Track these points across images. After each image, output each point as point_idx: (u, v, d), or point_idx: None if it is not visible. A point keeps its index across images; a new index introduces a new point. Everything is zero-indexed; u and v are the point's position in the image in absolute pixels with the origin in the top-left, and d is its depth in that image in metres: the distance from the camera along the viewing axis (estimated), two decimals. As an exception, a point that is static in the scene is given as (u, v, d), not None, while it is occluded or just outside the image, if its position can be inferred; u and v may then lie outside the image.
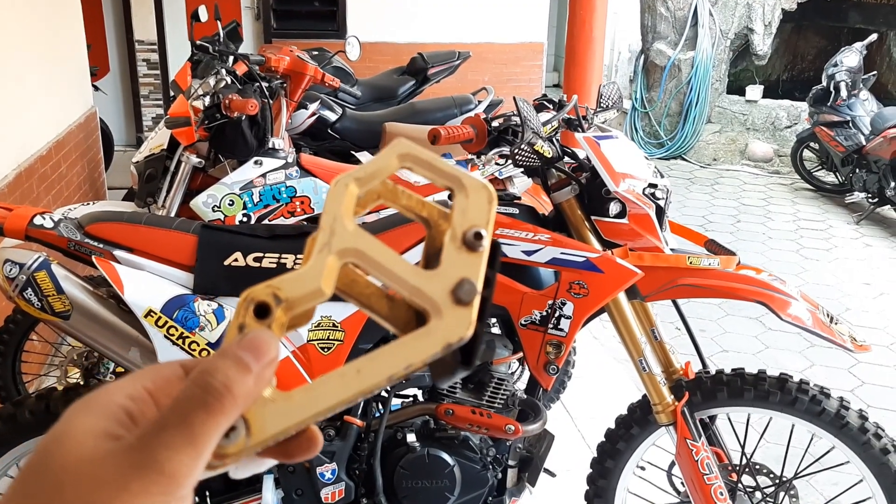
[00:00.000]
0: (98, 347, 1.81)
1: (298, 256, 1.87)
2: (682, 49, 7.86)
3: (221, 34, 3.45)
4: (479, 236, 0.40)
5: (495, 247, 0.42)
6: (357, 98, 4.19)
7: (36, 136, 3.48)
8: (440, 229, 0.43)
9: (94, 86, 4.62)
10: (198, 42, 3.33)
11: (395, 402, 2.03)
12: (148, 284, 1.78)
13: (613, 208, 1.87)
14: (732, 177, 7.44)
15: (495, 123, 1.93)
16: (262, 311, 0.39)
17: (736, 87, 8.32)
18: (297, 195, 2.71)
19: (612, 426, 2.15)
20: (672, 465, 2.19)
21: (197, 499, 1.95)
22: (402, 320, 0.43)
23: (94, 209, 1.99)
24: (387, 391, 1.96)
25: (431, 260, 0.42)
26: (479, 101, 4.16)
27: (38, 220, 1.82)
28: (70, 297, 1.76)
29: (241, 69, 2.99)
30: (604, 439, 2.15)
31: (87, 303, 1.77)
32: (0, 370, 2.80)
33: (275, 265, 1.85)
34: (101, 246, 1.81)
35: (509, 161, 1.90)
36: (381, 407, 1.97)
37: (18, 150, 3.23)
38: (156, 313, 1.75)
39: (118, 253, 1.81)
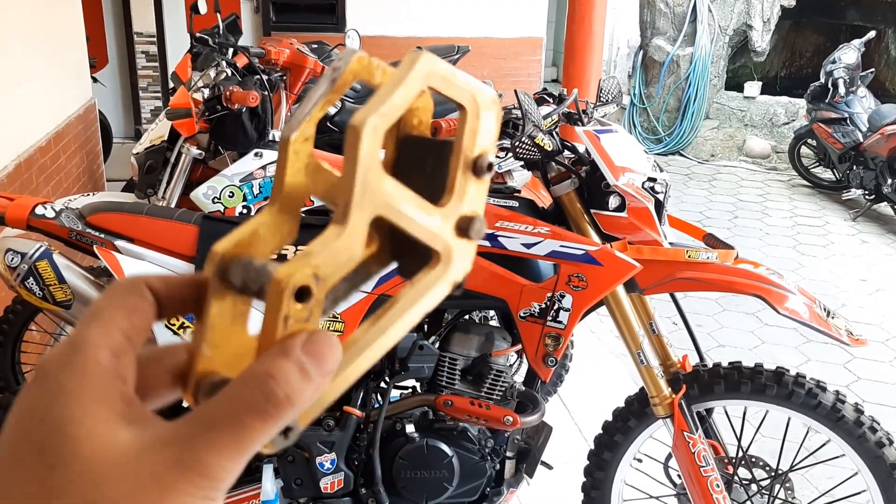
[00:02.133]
0: (99, 337, 1.81)
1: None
2: (680, 45, 7.87)
3: (221, 26, 3.45)
4: (490, 167, 0.37)
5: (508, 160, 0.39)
6: (356, 91, 4.19)
7: (35, 128, 3.48)
8: (409, 123, 0.40)
9: (92, 77, 4.61)
10: (197, 34, 3.33)
11: (394, 393, 2.04)
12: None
13: (613, 202, 1.88)
14: (730, 173, 7.46)
15: (496, 116, 1.94)
16: (302, 295, 0.34)
17: (734, 83, 8.34)
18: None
19: (610, 419, 2.16)
20: (669, 457, 2.21)
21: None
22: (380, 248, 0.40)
23: (95, 200, 1.99)
24: (385, 382, 1.97)
25: (401, 158, 0.39)
26: (479, 96, 4.16)
27: (39, 210, 1.82)
28: (71, 286, 1.76)
29: (241, 61, 2.99)
30: (601, 432, 2.16)
31: (89, 292, 1.78)
32: (0, 360, 2.81)
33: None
34: (102, 236, 1.82)
35: (509, 154, 1.91)
36: (380, 398, 1.98)
37: (18, 140, 3.24)
38: (157, 303, 1.75)
39: (119, 243, 1.82)
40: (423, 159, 0.41)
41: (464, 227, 0.37)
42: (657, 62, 8.00)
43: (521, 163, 2.61)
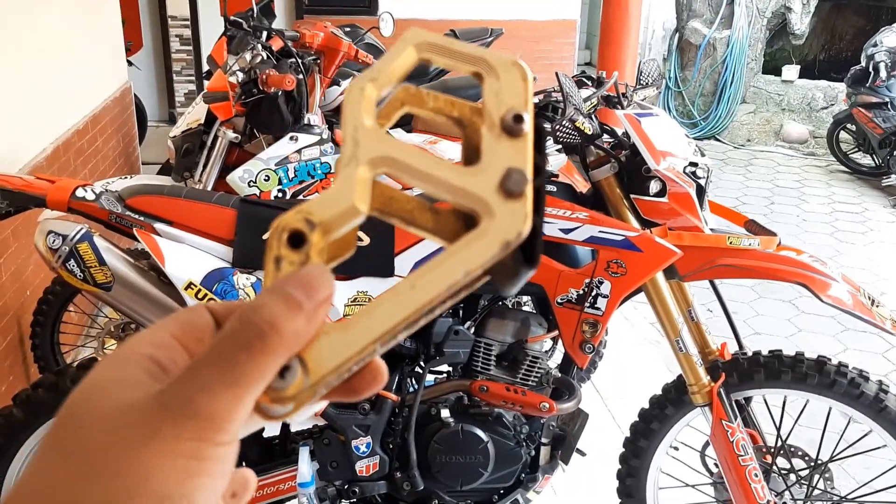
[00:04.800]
0: (138, 318, 1.83)
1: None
2: (717, 27, 7.74)
3: (255, 10, 3.45)
4: (519, 119, 0.36)
5: (539, 129, 0.37)
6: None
7: (73, 111, 3.52)
8: (475, 127, 0.38)
9: (128, 61, 4.65)
10: (231, 17, 3.33)
11: (429, 378, 2.04)
12: (188, 257, 1.79)
13: (653, 187, 1.86)
14: (767, 158, 7.33)
15: (535, 100, 1.91)
16: (297, 241, 0.35)
17: (772, 66, 8.18)
18: (332, 171, 2.71)
19: (646, 406, 2.14)
20: (706, 445, 2.19)
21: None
22: (452, 231, 0.38)
23: (133, 182, 2.01)
24: (421, 367, 1.97)
25: (471, 160, 0.37)
26: (513, 79, 4.12)
27: (80, 193, 1.84)
28: (112, 268, 1.78)
29: (276, 45, 2.99)
30: (637, 419, 2.15)
31: (129, 274, 1.79)
32: (39, 340, 2.85)
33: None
34: (142, 219, 1.83)
35: (548, 138, 1.89)
36: (415, 382, 1.98)
37: (56, 123, 3.27)
38: (196, 286, 1.77)
39: (159, 226, 1.83)
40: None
41: (504, 185, 0.35)
42: (693, 45, 7.87)
43: (558, 147, 2.59)
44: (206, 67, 5.04)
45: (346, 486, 1.97)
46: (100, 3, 4.07)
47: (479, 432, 1.93)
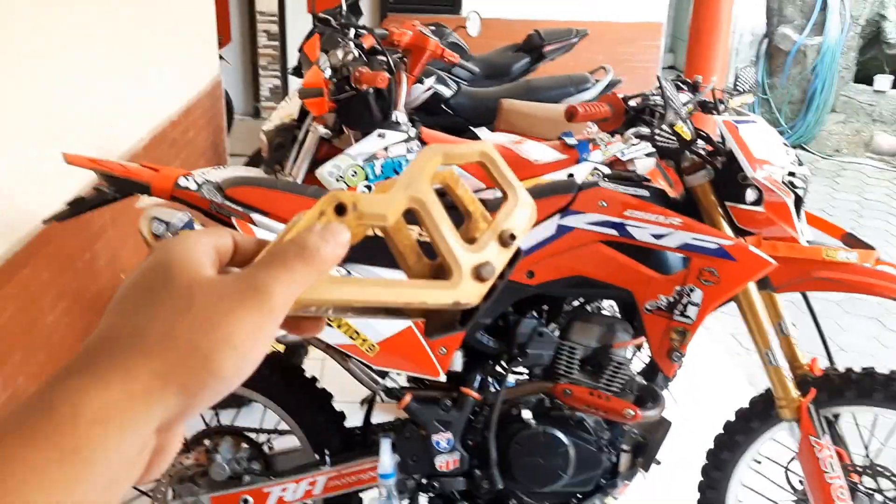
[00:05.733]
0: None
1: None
2: (808, 34, 7.51)
3: (343, 7, 3.50)
4: (513, 237, 0.50)
5: (517, 253, 0.51)
6: (474, 74, 4.18)
7: (168, 102, 3.65)
8: (476, 226, 0.52)
9: (218, 55, 4.78)
10: (319, 14, 3.39)
11: (510, 379, 2.04)
12: (284, 248, 1.83)
13: (750, 195, 1.82)
14: (855, 170, 7.09)
15: (633, 103, 1.90)
16: (340, 210, 0.48)
17: (863, 75, 7.89)
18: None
19: (732, 418, 2.10)
20: (790, 461, 2.14)
21: (317, 456, 2.02)
22: (419, 276, 0.52)
23: (231, 173, 2.07)
24: (503, 367, 1.98)
25: (459, 220, 0.52)
26: (597, 81, 4.08)
27: (182, 182, 1.90)
28: (211, 256, 1.83)
29: (367, 42, 3.03)
30: (721, 431, 2.11)
31: (227, 262, 1.85)
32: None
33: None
34: (240, 209, 1.88)
35: (642, 141, 1.87)
36: (497, 382, 1.98)
37: (153, 114, 3.39)
38: (290, 276, 1.80)
39: (256, 216, 1.88)
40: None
41: (479, 271, 0.48)
42: (782, 51, 7.66)
43: (646, 151, 2.56)
44: (291, 63, 5.14)
45: (425, 481, 1.99)
46: (196, -2, 4.20)
47: (561, 435, 1.93)
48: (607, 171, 2.55)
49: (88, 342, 0.41)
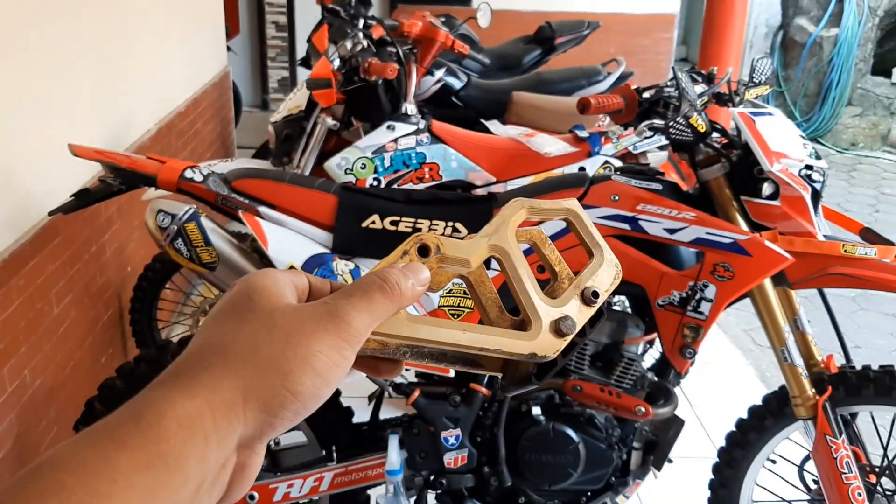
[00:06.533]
0: (239, 299, 1.86)
1: (434, 222, 1.87)
2: (825, 25, 7.41)
3: (353, -2, 3.46)
4: (596, 295, 0.50)
5: (601, 312, 0.52)
6: (485, 66, 4.14)
7: (175, 93, 3.62)
8: (561, 286, 0.52)
9: (227, 46, 4.75)
10: (328, 5, 3.36)
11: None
12: (290, 241, 1.81)
13: (766, 189, 1.78)
14: (872, 164, 7.00)
15: (646, 95, 1.86)
16: (423, 251, 0.49)
17: (881, 68, 7.79)
18: (427, 161, 2.71)
19: (744, 416, 2.07)
20: (805, 460, 2.10)
21: (324, 452, 2.00)
22: (500, 325, 0.52)
23: (237, 166, 2.04)
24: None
25: (548, 281, 0.53)
26: (609, 73, 4.03)
27: (188, 174, 1.88)
28: (217, 248, 1.81)
29: (376, 33, 3.00)
30: (734, 429, 2.07)
31: (233, 255, 1.83)
32: (138, 315, 2.95)
33: (410, 229, 1.86)
34: (247, 201, 1.86)
35: (655, 134, 1.83)
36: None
37: (160, 105, 3.37)
38: (297, 270, 1.78)
39: (262, 209, 1.85)
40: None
41: (559, 325, 0.48)
42: (798, 43, 7.57)
43: (659, 144, 2.52)
44: (300, 55, 5.11)
45: (433, 477, 1.96)
46: (205, -12, 4.17)
47: (571, 432, 1.90)
48: (619, 164, 2.51)
49: (177, 360, 0.43)
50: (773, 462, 2.09)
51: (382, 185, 2.69)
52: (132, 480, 0.36)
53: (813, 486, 2.10)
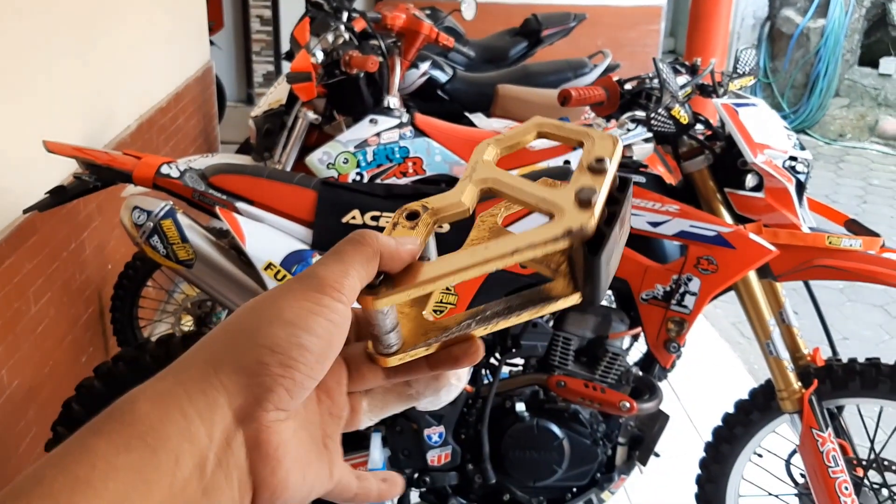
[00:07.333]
0: (217, 297, 1.84)
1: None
2: (812, 16, 7.41)
3: (337, -9, 3.42)
4: (601, 160, 0.45)
5: (625, 180, 0.47)
6: (470, 58, 4.11)
7: (156, 88, 3.58)
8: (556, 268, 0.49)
9: (210, 40, 4.70)
10: (312, -2, 3.32)
11: (504, 370, 1.99)
12: (268, 237, 1.78)
13: (750, 181, 1.76)
14: (859, 155, 7.00)
15: (628, 86, 1.84)
16: (412, 216, 0.48)
17: (868, 59, 7.79)
18: (410, 156, 2.68)
19: (730, 410, 2.05)
20: (792, 454, 2.09)
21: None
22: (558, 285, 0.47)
23: (215, 161, 2.01)
24: (497, 359, 1.92)
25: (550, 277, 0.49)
26: (595, 65, 4.01)
27: (164, 170, 1.84)
28: (194, 245, 1.78)
29: (358, 26, 2.97)
30: (721, 423, 2.06)
31: (210, 252, 1.79)
32: (119, 314, 2.91)
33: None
34: (224, 197, 1.82)
35: (638, 126, 1.81)
36: (490, 374, 1.93)
37: (141, 100, 3.33)
38: (275, 266, 1.76)
39: (240, 205, 1.82)
40: None
41: (577, 196, 0.44)
42: (785, 34, 7.56)
43: (644, 136, 2.50)
44: (284, 49, 5.07)
45: (416, 475, 1.94)
46: (186, -18, 4.12)
47: (555, 428, 1.88)
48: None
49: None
50: (760, 456, 2.08)
51: (365, 180, 2.66)
52: (113, 463, 0.36)
53: (800, 480, 2.09)
